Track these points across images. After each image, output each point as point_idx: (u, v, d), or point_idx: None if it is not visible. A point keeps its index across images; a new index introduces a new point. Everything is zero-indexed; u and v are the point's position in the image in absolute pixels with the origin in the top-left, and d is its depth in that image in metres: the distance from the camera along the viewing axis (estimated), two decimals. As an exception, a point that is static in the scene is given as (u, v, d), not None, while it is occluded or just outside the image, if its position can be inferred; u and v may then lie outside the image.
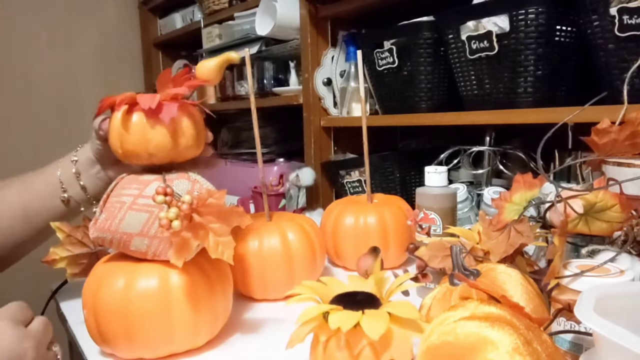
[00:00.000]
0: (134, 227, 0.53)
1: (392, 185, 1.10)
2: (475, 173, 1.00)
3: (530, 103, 0.79)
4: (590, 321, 0.33)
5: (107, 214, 0.54)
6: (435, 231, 0.70)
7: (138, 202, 0.54)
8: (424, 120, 0.98)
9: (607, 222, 0.53)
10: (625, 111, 0.63)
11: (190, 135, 0.57)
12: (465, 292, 0.46)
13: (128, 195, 0.54)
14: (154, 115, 0.53)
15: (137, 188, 0.55)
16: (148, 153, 0.55)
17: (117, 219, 0.53)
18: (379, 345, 0.40)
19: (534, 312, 0.43)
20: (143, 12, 2.01)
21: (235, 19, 1.45)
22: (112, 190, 0.57)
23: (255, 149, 0.76)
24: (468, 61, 0.86)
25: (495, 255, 0.53)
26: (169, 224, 0.48)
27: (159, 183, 0.54)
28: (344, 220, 0.83)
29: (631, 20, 0.64)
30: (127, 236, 0.53)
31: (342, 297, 0.45)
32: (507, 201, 0.57)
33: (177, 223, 0.49)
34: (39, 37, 1.80)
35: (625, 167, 0.57)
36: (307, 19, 1.17)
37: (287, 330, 0.44)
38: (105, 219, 0.54)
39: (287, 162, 1.39)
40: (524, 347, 0.33)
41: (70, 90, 1.86)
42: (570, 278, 0.45)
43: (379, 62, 1.04)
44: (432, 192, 0.71)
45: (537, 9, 0.74)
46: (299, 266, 0.71)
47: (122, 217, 0.53)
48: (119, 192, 0.56)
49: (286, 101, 1.30)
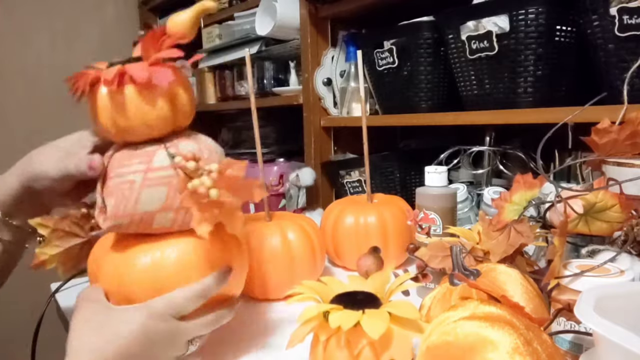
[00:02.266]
0: (154, 204, 0.48)
1: (392, 185, 1.10)
2: (475, 173, 1.00)
3: (530, 103, 0.79)
4: (590, 321, 0.33)
5: (116, 198, 0.48)
6: (435, 231, 0.70)
7: (150, 177, 0.48)
8: (424, 120, 0.98)
9: (607, 222, 0.53)
10: (625, 111, 0.63)
11: (186, 100, 0.52)
12: (465, 292, 0.46)
13: (134, 172, 0.49)
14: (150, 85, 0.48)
15: (141, 162, 0.49)
16: (148, 126, 0.49)
17: (131, 200, 0.48)
18: (379, 345, 0.40)
19: (534, 312, 0.43)
20: (143, 12, 2.01)
21: (235, 19, 1.45)
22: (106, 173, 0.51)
23: (255, 149, 0.76)
24: (468, 61, 0.86)
25: (495, 255, 0.53)
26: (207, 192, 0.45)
27: (162, 151, 0.49)
28: (344, 220, 0.83)
29: (631, 20, 0.64)
30: (148, 215, 0.48)
31: (342, 297, 0.45)
32: (507, 201, 0.57)
33: (215, 192, 0.45)
34: (39, 37, 1.80)
35: (625, 167, 0.57)
36: (307, 19, 1.17)
37: (288, 329, 0.44)
38: (116, 205, 0.48)
39: (287, 162, 1.39)
40: (524, 347, 0.33)
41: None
42: (570, 278, 0.45)
43: (379, 62, 1.04)
44: (432, 192, 0.71)
45: (537, 9, 0.74)
46: (299, 266, 0.71)
47: (136, 197, 0.48)
48: (118, 171, 0.50)
49: (286, 101, 1.30)
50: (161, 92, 0.49)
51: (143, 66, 0.48)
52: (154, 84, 0.47)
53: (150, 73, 0.47)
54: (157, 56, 0.49)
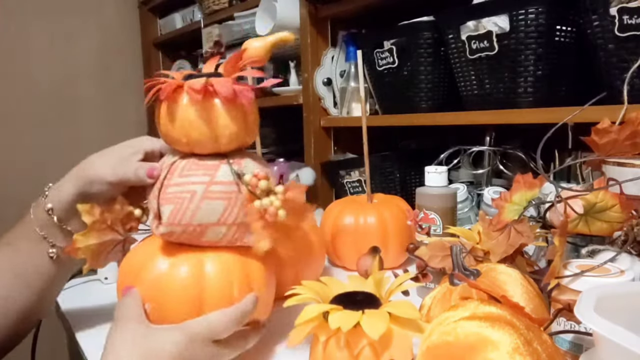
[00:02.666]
0: (211, 217, 0.49)
1: (392, 185, 1.10)
2: (475, 173, 1.00)
3: (530, 103, 0.79)
4: (590, 321, 0.33)
5: (175, 206, 0.49)
6: (435, 231, 0.70)
7: (212, 190, 0.49)
8: (424, 120, 0.98)
9: (607, 222, 0.53)
10: (625, 111, 0.63)
11: (254, 120, 0.53)
12: (465, 292, 0.46)
13: (197, 183, 0.49)
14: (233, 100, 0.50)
15: (206, 174, 0.50)
16: (218, 140, 0.51)
17: (190, 210, 0.49)
18: (379, 345, 0.40)
19: (534, 312, 0.43)
20: (143, 12, 2.01)
21: (235, 19, 1.45)
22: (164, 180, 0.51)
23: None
24: (468, 61, 0.86)
25: (495, 255, 0.53)
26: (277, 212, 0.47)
27: (226, 166, 0.51)
28: (343, 220, 0.83)
29: (631, 20, 0.64)
30: (202, 227, 0.49)
31: (342, 297, 0.45)
32: (507, 201, 0.57)
33: (283, 212, 0.47)
34: (39, 37, 1.80)
35: (626, 167, 0.57)
36: (307, 19, 1.17)
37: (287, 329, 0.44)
38: (173, 213, 0.49)
39: (287, 162, 1.39)
40: (524, 347, 0.33)
41: (70, 90, 1.86)
42: (570, 278, 0.45)
43: (379, 62, 1.04)
44: (432, 192, 0.71)
45: (537, 9, 0.74)
46: (299, 266, 0.71)
47: (195, 207, 0.49)
48: (182, 180, 0.50)
49: (286, 101, 1.30)
50: (242, 109, 0.51)
51: (228, 82, 0.49)
52: (237, 100, 0.49)
53: (236, 89, 0.49)
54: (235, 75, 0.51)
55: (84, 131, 1.88)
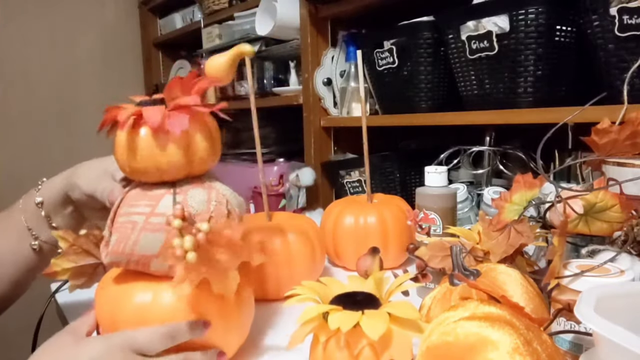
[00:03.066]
0: (151, 249, 0.48)
1: (392, 185, 1.10)
2: (475, 173, 1.00)
3: (530, 103, 0.79)
4: (590, 321, 0.33)
5: (119, 235, 0.49)
6: (435, 231, 0.70)
7: (151, 222, 0.48)
8: (424, 120, 0.98)
9: (607, 222, 0.53)
10: (625, 111, 0.63)
11: (204, 147, 0.51)
12: (465, 292, 0.46)
13: (138, 213, 0.49)
14: (163, 130, 0.48)
15: (147, 205, 0.49)
16: (159, 170, 0.49)
17: (131, 241, 0.48)
18: (378, 346, 0.40)
19: (534, 312, 0.43)
20: (143, 12, 2.01)
21: (235, 19, 1.46)
22: (118, 208, 0.51)
23: (255, 149, 0.76)
24: (468, 61, 0.86)
25: (495, 255, 0.53)
26: (184, 254, 0.43)
27: (170, 196, 0.49)
28: (344, 220, 0.83)
29: (631, 20, 0.64)
30: (145, 258, 0.48)
31: (341, 297, 0.45)
32: (507, 201, 0.57)
33: (193, 255, 0.43)
34: (39, 37, 1.80)
35: (626, 167, 0.57)
36: (307, 19, 1.17)
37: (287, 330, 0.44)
38: (118, 242, 0.49)
39: (287, 162, 1.39)
40: (524, 347, 0.33)
41: (70, 90, 1.87)
42: (570, 278, 0.45)
43: (379, 62, 1.04)
44: (432, 192, 0.71)
45: (537, 9, 0.74)
46: (299, 266, 0.71)
47: (135, 239, 0.48)
48: (127, 210, 0.50)
49: (286, 101, 1.30)
50: (174, 138, 0.49)
51: (160, 110, 0.48)
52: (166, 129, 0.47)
53: (164, 118, 0.47)
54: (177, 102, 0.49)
55: (84, 131, 1.88)
